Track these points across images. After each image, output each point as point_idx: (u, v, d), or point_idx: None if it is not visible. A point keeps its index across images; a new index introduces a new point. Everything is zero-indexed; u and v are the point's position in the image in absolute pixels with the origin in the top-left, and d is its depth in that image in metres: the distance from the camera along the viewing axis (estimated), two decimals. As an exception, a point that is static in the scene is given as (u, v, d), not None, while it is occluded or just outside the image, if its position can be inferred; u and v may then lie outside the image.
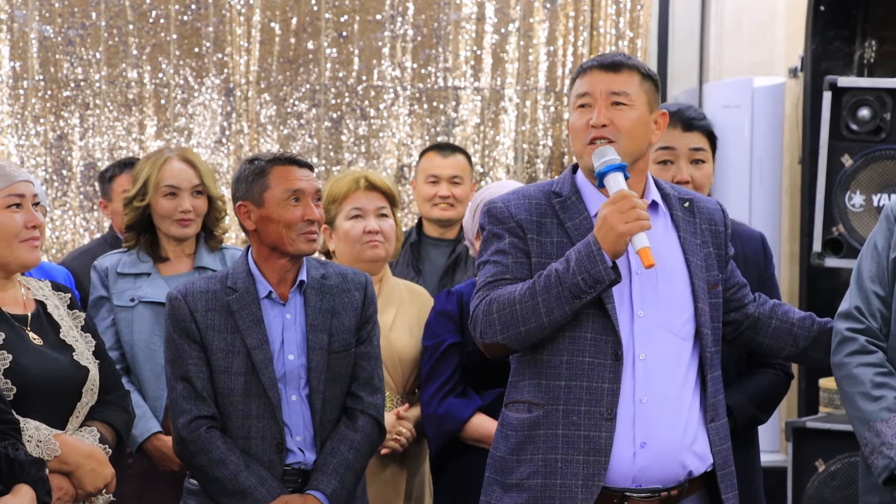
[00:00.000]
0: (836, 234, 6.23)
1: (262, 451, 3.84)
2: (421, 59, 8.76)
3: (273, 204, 3.88)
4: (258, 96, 8.65)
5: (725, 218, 3.67)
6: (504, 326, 3.37)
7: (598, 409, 3.35)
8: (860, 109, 6.18)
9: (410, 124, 8.72)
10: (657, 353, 3.40)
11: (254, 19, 8.66)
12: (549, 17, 8.81)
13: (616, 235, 3.25)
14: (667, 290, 3.44)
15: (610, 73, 3.46)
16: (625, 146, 3.41)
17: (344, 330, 3.95)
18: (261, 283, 3.91)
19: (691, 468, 3.42)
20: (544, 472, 3.36)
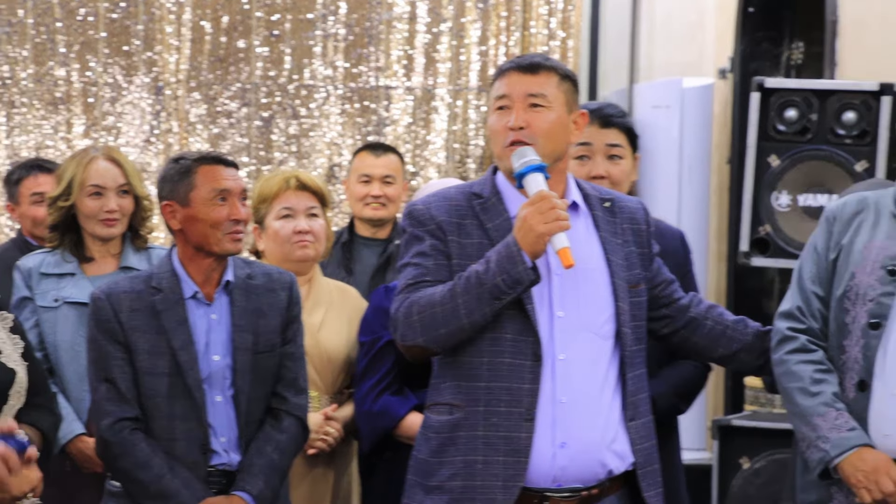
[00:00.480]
0: (763, 233, 6.28)
1: (186, 453, 3.82)
2: (353, 58, 8.76)
3: (199, 204, 3.85)
4: (188, 95, 8.61)
5: (647, 216, 3.67)
6: (425, 328, 3.36)
7: (517, 409, 3.34)
8: (787, 110, 6.23)
9: (342, 124, 8.71)
10: (577, 353, 3.40)
11: (184, 17, 8.62)
12: (481, 16, 8.82)
13: (535, 236, 3.25)
14: (587, 290, 3.44)
15: (527, 74, 3.46)
16: (543, 148, 3.41)
17: (270, 330, 3.93)
18: (186, 283, 3.89)
19: (611, 467, 3.42)
20: (464, 473, 3.35)
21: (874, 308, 3.56)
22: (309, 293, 4.49)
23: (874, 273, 3.58)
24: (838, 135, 6.17)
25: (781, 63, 8.37)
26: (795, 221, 6.23)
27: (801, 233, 6.19)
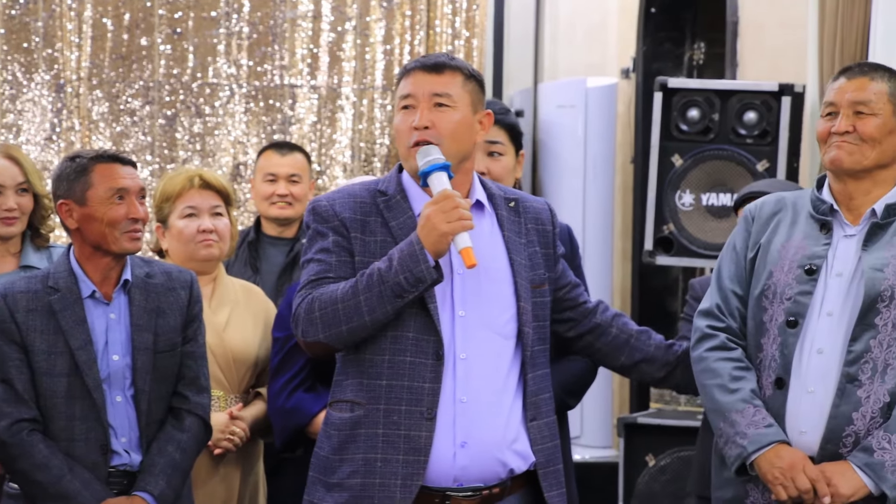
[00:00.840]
0: (667, 232, 6.33)
1: (85, 453, 3.77)
2: (257, 56, 8.72)
3: (96, 202, 3.81)
4: (90, 93, 8.53)
5: (553, 217, 3.66)
6: (326, 325, 3.34)
7: (418, 408, 3.34)
8: (690, 110, 6.28)
9: (246, 122, 8.67)
10: (478, 353, 3.40)
11: (85, 14, 8.53)
12: (386, 15, 8.82)
13: (438, 235, 3.25)
14: (489, 290, 3.43)
15: (433, 74, 3.45)
16: (448, 148, 3.40)
17: (170, 329, 3.90)
18: (84, 283, 3.84)
19: (513, 466, 3.42)
20: (364, 471, 3.34)
21: (791, 307, 3.59)
22: (214, 292, 4.47)
23: (791, 272, 3.61)
24: (740, 135, 6.24)
25: (683, 63, 8.44)
26: (699, 220, 6.29)
27: (705, 232, 6.26)
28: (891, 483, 3.45)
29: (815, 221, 3.66)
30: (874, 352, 3.52)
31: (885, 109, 3.59)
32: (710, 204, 6.19)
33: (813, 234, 3.65)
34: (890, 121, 3.59)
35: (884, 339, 3.52)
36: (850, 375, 3.53)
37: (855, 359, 3.53)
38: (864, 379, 3.52)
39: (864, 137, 3.57)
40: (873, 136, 3.57)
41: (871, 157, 3.58)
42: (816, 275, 3.60)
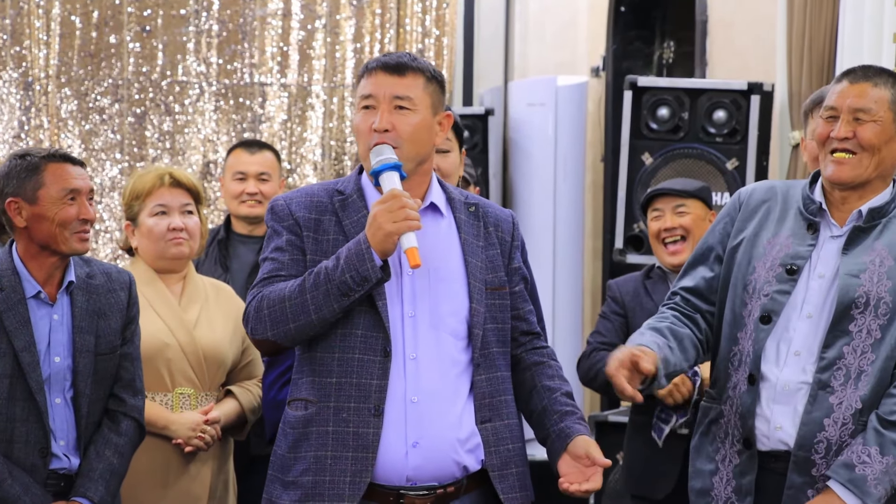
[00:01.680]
0: (637, 230, 6.35)
1: (24, 456, 3.74)
2: (226, 54, 8.70)
3: (48, 202, 3.78)
4: (58, 90, 8.50)
5: (514, 229, 3.62)
6: (274, 323, 3.34)
7: (366, 405, 3.33)
8: (659, 108, 6.31)
9: (216, 120, 8.65)
10: (428, 353, 3.38)
11: (53, 12, 8.51)
12: (356, 14, 8.82)
13: (384, 234, 3.24)
14: (441, 290, 3.41)
15: (394, 75, 3.43)
16: (407, 151, 3.39)
17: (110, 331, 3.88)
18: (28, 282, 3.81)
19: (467, 465, 3.40)
20: (315, 468, 3.33)
21: (767, 303, 3.59)
22: (184, 290, 4.47)
23: (773, 269, 3.61)
24: (709, 133, 6.26)
25: (653, 62, 8.47)
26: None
27: (674, 230, 6.28)
28: (874, 497, 3.45)
29: (803, 220, 3.66)
30: (847, 358, 3.52)
31: (886, 117, 3.56)
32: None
33: (799, 233, 3.64)
34: (889, 128, 3.56)
35: (858, 345, 3.51)
36: (823, 382, 3.53)
37: (827, 365, 3.53)
38: (836, 385, 3.52)
39: (864, 144, 3.54)
40: (872, 143, 3.54)
41: (870, 167, 3.56)
42: (797, 275, 3.59)
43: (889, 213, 3.60)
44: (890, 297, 3.51)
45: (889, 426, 3.45)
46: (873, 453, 3.45)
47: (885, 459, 3.44)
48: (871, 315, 3.52)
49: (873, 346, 3.51)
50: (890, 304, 3.51)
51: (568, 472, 3.36)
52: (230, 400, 4.39)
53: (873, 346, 3.51)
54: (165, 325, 4.30)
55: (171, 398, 4.29)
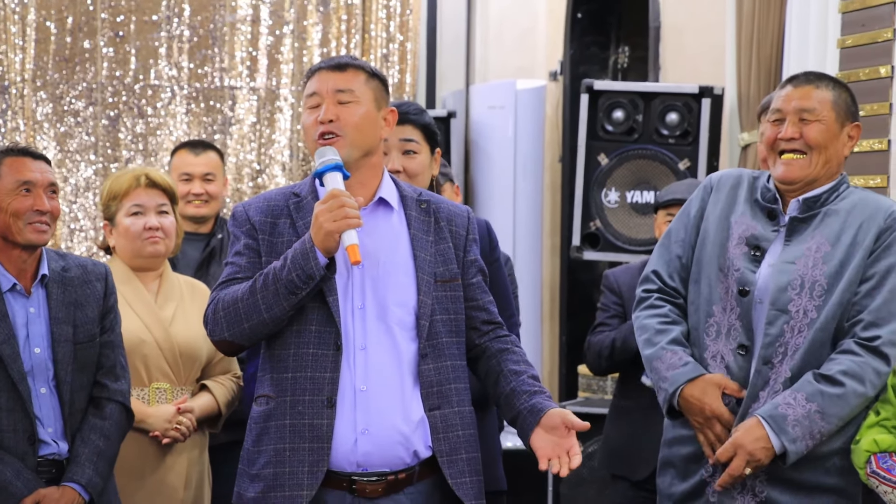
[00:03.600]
0: (594, 228, 6.40)
1: (14, 444, 3.75)
2: (197, 59, 8.70)
3: (2, 194, 3.80)
4: (34, 94, 8.48)
5: (469, 224, 3.62)
6: (229, 324, 3.36)
7: (319, 397, 3.33)
8: (614, 111, 6.34)
9: (188, 123, 8.65)
10: (377, 344, 3.38)
11: (28, 18, 8.49)
12: (323, 20, 8.82)
13: (325, 233, 3.24)
14: (389, 283, 3.42)
15: (336, 72, 3.45)
16: (353, 140, 3.40)
17: (88, 321, 3.89)
18: (3, 276, 3.81)
19: (417, 451, 3.40)
20: (275, 461, 3.35)
21: (741, 277, 3.66)
22: (160, 288, 4.47)
23: (739, 247, 3.69)
24: (662, 135, 6.31)
25: (609, 66, 8.51)
26: (624, 217, 6.36)
27: (630, 228, 6.33)
28: (790, 436, 3.50)
29: (760, 208, 3.73)
30: (786, 336, 3.60)
31: (829, 116, 3.63)
32: (635, 201, 6.26)
33: (761, 219, 3.72)
34: (833, 126, 3.64)
35: (795, 324, 3.60)
36: (766, 358, 3.62)
37: (771, 342, 3.62)
38: (775, 362, 3.62)
39: (810, 143, 3.62)
40: (818, 141, 3.62)
41: (818, 165, 3.64)
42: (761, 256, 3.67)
43: (828, 203, 3.66)
44: (825, 280, 3.59)
45: (821, 379, 3.53)
46: (799, 398, 3.52)
47: (809, 406, 3.51)
48: (808, 297, 3.59)
49: (809, 325, 3.59)
50: (825, 287, 3.59)
51: (543, 447, 3.35)
52: (205, 394, 4.40)
53: (809, 325, 3.59)
54: (142, 321, 4.31)
55: (148, 393, 4.30)
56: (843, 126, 3.67)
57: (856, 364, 3.52)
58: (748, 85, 6.16)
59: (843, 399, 3.51)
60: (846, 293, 3.58)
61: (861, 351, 3.53)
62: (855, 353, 3.53)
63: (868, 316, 3.55)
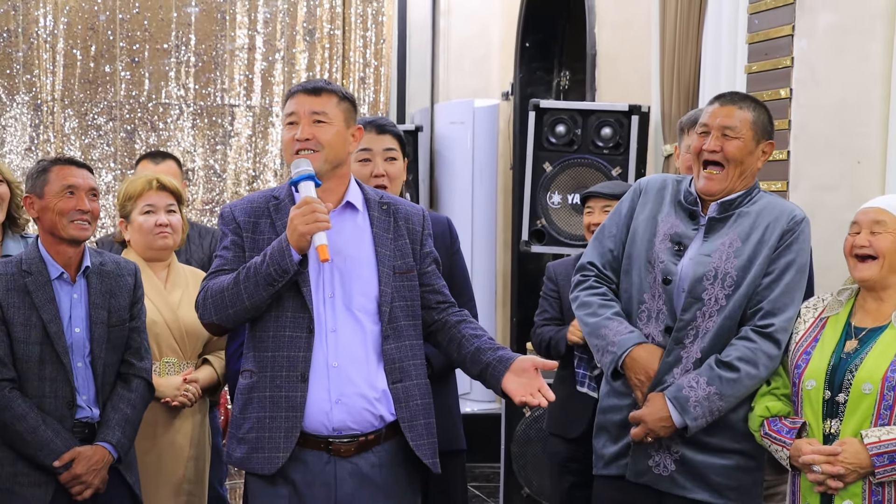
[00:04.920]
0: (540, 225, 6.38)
1: (54, 408, 3.75)
2: (202, 81, 8.67)
3: (51, 196, 3.81)
4: (62, 111, 8.44)
5: (424, 221, 3.60)
6: (216, 309, 3.36)
7: (294, 373, 3.33)
8: (557, 126, 6.32)
9: (193, 135, 8.62)
10: (345, 327, 3.37)
11: (58, 46, 8.45)
12: (309, 48, 8.81)
13: (298, 235, 3.23)
14: (355, 276, 3.41)
15: (312, 96, 3.43)
16: (326, 155, 3.38)
17: (120, 308, 3.90)
18: (52, 266, 3.82)
19: (383, 416, 3.39)
20: (258, 427, 3.35)
21: (665, 268, 3.64)
22: (168, 276, 4.44)
23: (665, 243, 3.66)
24: (598, 146, 6.29)
25: (552, 88, 8.52)
26: (565, 216, 6.34)
27: (570, 225, 6.32)
28: (692, 416, 3.50)
29: (684, 209, 3.71)
30: (698, 321, 3.58)
31: (747, 134, 3.61)
32: (575, 202, 6.25)
33: (684, 219, 3.70)
34: (750, 144, 3.61)
35: (707, 310, 3.57)
36: (678, 339, 3.60)
37: (683, 326, 3.59)
38: (687, 342, 3.59)
39: (729, 157, 3.59)
40: (735, 156, 3.59)
41: (734, 178, 3.62)
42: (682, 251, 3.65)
43: (742, 206, 3.64)
44: (735, 272, 3.57)
45: (721, 365, 3.51)
46: (701, 381, 3.51)
47: (709, 388, 3.49)
48: (719, 286, 3.57)
49: (719, 311, 3.57)
50: (735, 278, 3.57)
51: (515, 389, 3.32)
52: (207, 367, 4.38)
53: (719, 311, 3.57)
54: (154, 305, 4.28)
55: (159, 366, 4.28)
56: (758, 143, 3.64)
57: (750, 350, 3.50)
58: (670, 104, 6.16)
59: (738, 382, 3.50)
60: (752, 285, 3.56)
61: (756, 338, 3.51)
62: (750, 340, 3.51)
63: (766, 305, 3.54)
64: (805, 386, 3.38)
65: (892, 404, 3.24)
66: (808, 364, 3.40)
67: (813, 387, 3.35)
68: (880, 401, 3.25)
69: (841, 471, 3.25)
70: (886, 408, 3.24)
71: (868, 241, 3.37)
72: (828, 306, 3.51)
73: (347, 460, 3.35)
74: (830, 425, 3.32)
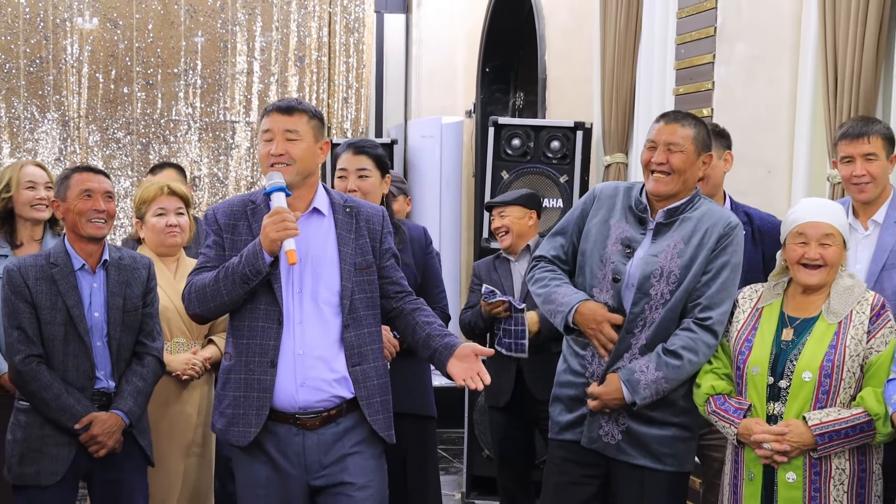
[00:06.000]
0: (498, 225, 6.39)
1: (76, 380, 3.76)
2: (207, 100, 8.65)
3: (72, 198, 3.81)
4: (87, 126, 8.41)
5: (384, 221, 3.54)
6: (200, 302, 3.32)
7: (265, 359, 3.30)
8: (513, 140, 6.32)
9: (199, 148, 8.60)
10: (311, 319, 3.33)
11: (83, 70, 8.41)
12: (299, 72, 8.80)
13: (270, 241, 3.20)
14: (320, 273, 3.36)
15: (285, 115, 3.36)
16: (298, 168, 3.34)
17: (134, 296, 3.89)
18: (76, 259, 3.82)
19: (343, 395, 3.35)
20: (234, 405, 3.32)
21: (615, 268, 3.62)
22: (177, 269, 4.43)
23: (616, 245, 3.64)
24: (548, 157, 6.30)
25: (509, 107, 8.54)
26: (519, 216, 6.35)
27: (522, 225, 6.33)
28: (641, 395, 3.51)
29: (634, 215, 3.69)
30: (646, 313, 3.57)
31: (689, 148, 3.59)
32: (527, 205, 6.25)
33: (634, 224, 3.68)
34: (692, 156, 3.59)
35: (654, 304, 3.56)
36: (629, 329, 3.58)
37: (633, 318, 3.58)
38: (636, 331, 3.58)
39: (673, 168, 3.58)
40: (679, 167, 3.58)
41: (678, 184, 3.60)
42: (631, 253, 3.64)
43: (685, 212, 3.64)
44: (678, 270, 3.56)
45: (667, 353, 3.51)
46: (651, 367, 3.51)
47: (657, 373, 3.50)
48: (664, 283, 3.56)
49: (663, 304, 3.56)
50: (678, 276, 3.56)
51: (457, 372, 3.26)
52: (211, 346, 4.36)
53: (663, 304, 3.56)
54: (165, 293, 4.27)
55: (170, 345, 4.26)
56: (699, 155, 3.62)
57: (691, 340, 3.50)
58: (609, 120, 6.18)
59: (681, 368, 3.50)
60: (692, 282, 3.55)
61: (697, 329, 3.51)
62: (692, 331, 3.51)
63: (705, 301, 3.52)
64: (751, 371, 3.37)
65: (828, 390, 3.26)
66: (751, 351, 3.39)
67: (758, 373, 3.35)
68: (818, 387, 3.26)
69: (787, 448, 3.26)
70: (823, 392, 3.26)
71: (819, 255, 3.35)
72: (762, 297, 3.50)
73: (314, 432, 3.32)
74: (774, 407, 3.32)
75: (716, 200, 4.03)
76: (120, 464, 3.86)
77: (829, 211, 3.41)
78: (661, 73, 5.73)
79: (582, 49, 6.82)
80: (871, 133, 3.75)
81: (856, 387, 3.29)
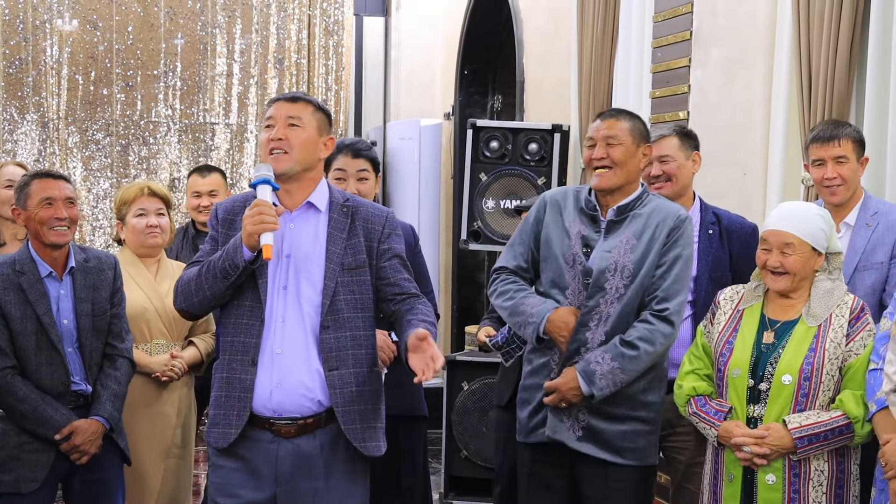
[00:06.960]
0: (476, 227, 6.38)
1: (52, 387, 3.71)
2: (187, 102, 8.59)
3: (32, 207, 3.75)
4: (66, 128, 8.34)
5: (385, 222, 3.39)
6: (184, 297, 3.24)
7: (246, 358, 3.19)
8: (491, 142, 6.33)
9: (179, 149, 8.55)
10: (292, 318, 3.21)
11: (63, 72, 8.35)
12: (279, 74, 8.76)
13: (247, 234, 3.10)
14: (305, 271, 3.24)
15: (290, 103, 3.27)
16: (297, 156, 3.22)
17: (102, 300, 3.84)
18: (42, 266, 3.76)
19: (321, 401, 3.20)
20: (216, 405, 3.23)
21: (583, 269, 3.60)
22: (158, 270, 4.40)
23: (576, 245, 3.64)
24: (526, 159, 6.30)
25: (487, 109, 8.54)
26: (498, 219, 6.35)
27: (502, 226, 6.33)
28: (598, 386, 3.50)
29: (586, 214, 3.69)
30: (601, 307, 3.56)
31: (627, 140, 3.60)
32: (506, 207, 6.26)
33: (587, 223, 3.67)
34: (631, 148, 3.61)
35: (609, 298, 3.55)
36: (584, 322, 3.57)
37: (588, 312, 3.57)
38: (592, 325, 3.56)
39: (614, 161, 3.59)
40: (620, 159, 3.59)
41: (620, 177, 3.60)
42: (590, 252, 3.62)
43: (635, 209, 3.64)
44: (632, 265, 3.56)
45: (624, 344, 3.51)
46: (606, 357, 3.50)
47: (613, 364, 3.49)
48: (619, 277, 3.56)
49: (619, 298, 3.55)
50: (631, 270, 3.56)
51: (415, 365, 3.03)
52: (192, 347, 4.34)
53: (619, 298, 3.55)
54: (145, 294, 4.24)
55: (150, 347, 4.23)
56: (638, 147, 3.63)
57: (648, 331, 3.50)
58: (587, 123, 6.19)
59: (638, 359, 3.49)
60: (646, 276, 3.55)
61: (654, 320, 3.51)
62: (649, 322, 3.51)
63: (661, 293, 3.53)
64: (731, 374, 3.36)
65: (807, 393, 3.26)
66: (731, 353, 3.39)
67: (738, 375, 3.34)
68: (798, 390, 3.26)
69: (767, 451, 3.26)
70: (803, 395, 3.26)
71: (780, 263, 3.35)
72: (743, 298, 3.49)
73: (290, 441, 3.19)
74: (754, 410, 3.32)
75: (685, 201, 4.05)
76: (100, 463, 3.83)
77: (796, 219, 3.38)
78: (637, 77, 5.74)
79: (559, 52, 6.82)
80: (841, 136, 3.76)
81: (835, 389, 3.29)
